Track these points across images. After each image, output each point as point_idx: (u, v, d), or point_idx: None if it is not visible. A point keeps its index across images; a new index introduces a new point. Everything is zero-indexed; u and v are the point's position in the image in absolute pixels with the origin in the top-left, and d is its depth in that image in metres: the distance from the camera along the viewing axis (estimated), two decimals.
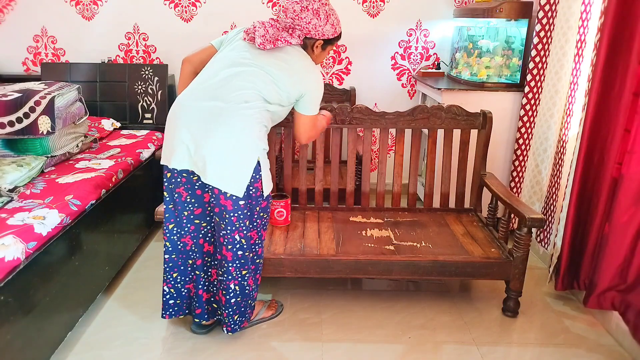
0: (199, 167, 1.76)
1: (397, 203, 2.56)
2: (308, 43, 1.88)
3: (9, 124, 2.26)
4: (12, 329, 1.57)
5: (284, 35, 1.80)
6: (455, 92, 2.77)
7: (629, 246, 1.96)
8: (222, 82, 1.78)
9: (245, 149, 1.75)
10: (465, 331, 2.10)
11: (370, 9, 3.28)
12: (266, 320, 2.13)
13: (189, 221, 1.89)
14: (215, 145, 1.72)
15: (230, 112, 1.73)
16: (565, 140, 2.43)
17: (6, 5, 3.28)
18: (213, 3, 3.26)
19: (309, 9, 1.81)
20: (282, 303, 2.25)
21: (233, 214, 1.78)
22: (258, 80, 1.79)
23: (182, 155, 1.77)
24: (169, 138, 1.82)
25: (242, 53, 1.83)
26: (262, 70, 1.79)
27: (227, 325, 1.94)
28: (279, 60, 1.81)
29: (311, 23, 1.82)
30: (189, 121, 1.76)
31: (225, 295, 1.89)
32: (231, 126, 1.73)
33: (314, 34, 1.84)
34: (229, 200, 1.76)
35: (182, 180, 1.84)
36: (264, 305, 2.16)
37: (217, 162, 1.73)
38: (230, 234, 1.81)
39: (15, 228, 1.70)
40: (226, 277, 1.87)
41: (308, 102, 1.89)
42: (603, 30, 1.97)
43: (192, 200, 1.86)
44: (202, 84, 1.82)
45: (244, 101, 1.75)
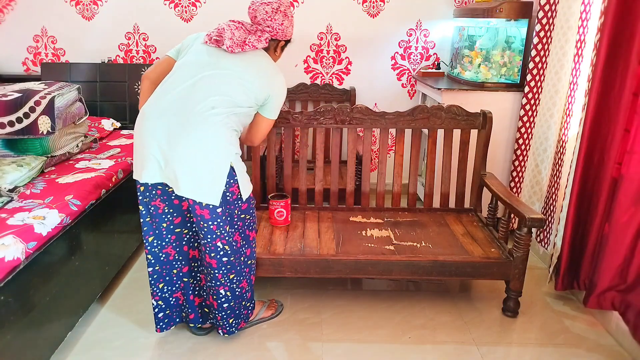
0: (171, 180, 1.74)
1: (397, 203, 2.56)
2: (271, 45, 1.89)
3: (9, 124, 2.26)
4: (12, 329, 1.57)
5: (251, 40, 1.79)
6: (455, 92, 2.77)
7: (629, 246, 1.96)
8: (187, 90, 1.74)
9: (216, 156, 1.72)
10: (465, 331, 2.10)
11: (370, 9, 3.28)
12: (266, 320, 2.13)
13: (169, 231, 1.87)
14: (185, 156, 1.69)
15: (198, 121, 1.70)
16: (565, 140, 2.43)
17: (6, 5, 3.28)
18: (213, 3, 3.26)
19: (280, 10, 1.82)
20: (282, 303, 2.25)
21: (212, 222, 1.76)
22: (224, 84, 1.75)
23: (153, 170, 1.74)
24: (138, 152, 1.78)
25: (204, 57, 1.80)
26: (230, 72, 1.76)
27: (222, 327, 1.94)
28: (246, 63, 1.79)
29: (283, 24, 1.83)
30: (156, 134, 1.72)
31: (217, 299, 1.89)
32: (200, 135, 1.70)
33: (281, 35, 1.86)
34: (205, 210, 1.74)
35: (157, 192, 1.81)
36: (263, 305, 2.16)
37: (189, 174, 1.70)
38: (212, 242, 1.80)
39: (15, 228, 1.70)
40: (214, 283, 1.86)
41: (273, 106, 1.89)
42: (603, 30, 1.97)
43: (170, 210, 1.85)
44: (166, 94, 1.76)
45: (211, 107, 1.72)
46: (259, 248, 2.16)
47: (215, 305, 1.90)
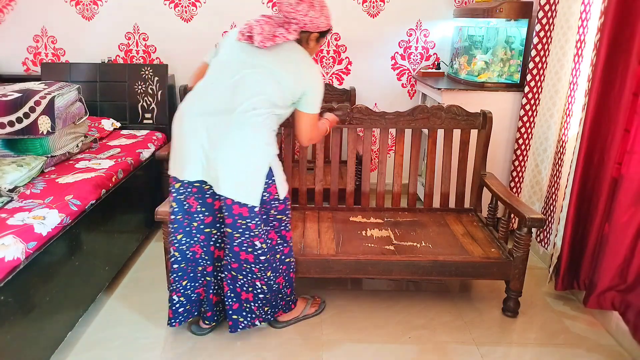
0: (212, 178, 1.76)
1: (397, 203, 2.56)
2: (303, 37, 1.84)
3: (9, 124, 2.26)
4: (12, 329, 1.57)
5: (281, 32, 1.76)
6: (455, 92, 2.77)
7: (629, 246, 1.96)
8: (227, 90, 1.75)
9: (256, 157, 1.74)
10: (465, 331, 2.10)
11: (370, 9, 3.28)
12: (310, 317, 2.15)
13: (199, 231, 1.89)
14: (227, 156, 1.72)
15: (240, 121, 1.72)
16: (565, 140, 2.43)
17: (6, 5, 3.28)
18: (213, 3, 3.25)
19: (304, 1, 1.76)
20: (325, 300, 2.25)
21: (250, 220, 1.78)
22: (263, 82, 1.76)
23: (196, 168, 1.77)
24: (179, 149, 1.80)
25: (239, 55, 1.79)
26: (265, 69, 1.76)
27: (258, 317, 1.94)
28: (280, 57, 1.78)
29: (308, 15, 1.77)
30: (198, 133, 1.74)
31: (253, 291, 1.89)
32: (241, 135, 1.71)
33: (310, 26, 1.79)
34: (244, 207, 1.76)
35: (192, 190, 1.83)
36: (307, 302, 2.18)
37: (230, 174, 1.72)
38: (250, 239, 1.81)
39: (15, 228, 1.70)
40: (250, 276, 1.86)
41: (310, 100, 1.85)
42: (603, 30, 1.97)
43: (203, 209, 1.86)
44: (205, 93, 1.79)
45: (252, 108, 1.73)
46: None
47: (251, 297, 1.90)
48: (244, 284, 1.89)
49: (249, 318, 1.94)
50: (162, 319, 2.14)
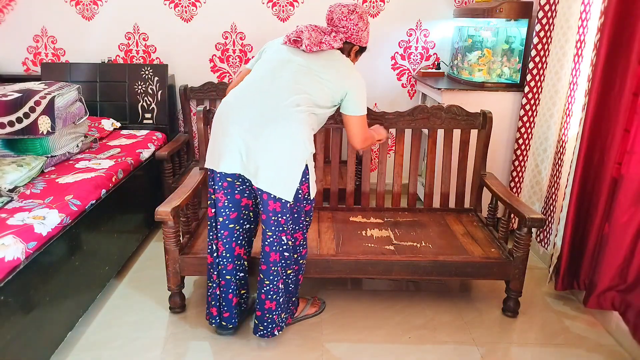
0: (250, 172, 1.76)
1: (397, 203, 2.56)
2: (346, 48, 1.92)
3: (9, 124, 2.26)
4: (12, 329, 1.57)
5: (327, 39, 1.85)
6: (455, 92, 2.77)
7: (629, 246, 1.96)
8: (271, 86, 1.79)
9: (296, 152, 1.75)
10: (465, 331, 2.10)
11: (370, 9, 3.28)
12: (310, 317, 2.15)
13: (223, 227, 1.89)
14: (268, 149, 1.72)
15: (282, 115, 1.73)
16: (565, 140, 2.43)
17: (6, 5, 3.28)
18: (213, 3, 3.26)
19: (356, 12, 1.89)
20: (324, 300, 2.25)
21: (282, 216, 1.79)
22: (306, 80, 1.80)
23: (233, 160, 1.77)
24: (218, 141, 1.81)
25: (284, 55, 1.86)
26: (309, 69, 1.81)
27: (277, 325, 1.93)
28: (324, 61, 1.84)
29: (357, 25, 1.88)
30: (240, 125, 1.75)
31: (276, 297, 1.88)
32: (284, 130, 1.72)
33: (355, 38, 1.90)
34: (278, 202, 1.76)
35: (223, 184, 1.84)
36: (307, 303, 2.18)
37: (269, 167, 1.73)
38: (279, 235, 1.82)
39: (15, 228, 1.70)
40: (277, 279, 1.87)
41: (354, 101, 1.88)
42: (603, 30, 1.97)
43: (230, 205, 1.87)
44: (249, 88, 1.83)
45: (296, 104, 1.75)
46: (259, 248, 2.15)
47: (274, 306, 1.89)
48: (269, 290, 1.87)
49: (270, 328, 1.93)
50: (162, 319, 2.14)
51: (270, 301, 1.89)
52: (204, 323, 2.11)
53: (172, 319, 2.15)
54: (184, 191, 2.15)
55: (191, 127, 3.42)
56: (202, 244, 2.20)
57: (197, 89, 3.33)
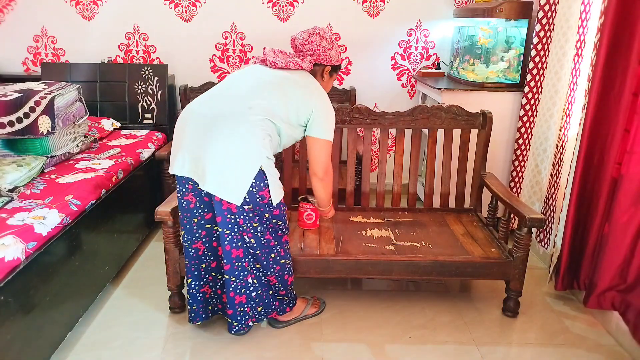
0: (198, 175, 1.76)
1: (397, 203, 2.56)
2: (317, 70, 1.94)
3: (9, 124, 2.26)
4: (12, 329, 1.57)
5: (295, 60, 1.88)
6: (455, 92, 2.77)
7: (629, 246, 1.96)
8: (228, 92, 1.83)
9: (246, 155, 1.73)
10: (465, 331, 2.10)
11: (370, 9, 3.28)
12: (310, 317, 2.15)
13: (200, 227, 1.89)
14: (215, 151, 1.72)
15: (234, 118, 1.74)
16: (565, 140, 2.43)
17: (6, 5, 3.28)
18: (213, 3, 3.26)
19: (317, 33, 1.92)
20: (325, 300, 2.25)
21: (239, 216, 1.78)
22: (269, 93, 1.81)
23: (182, 162, 1.79)
24: (175, 145, 1.84)
25: (255, 69, 1.92)
26: (273, 82, 1.83)
27: (251, 317, 1.94)
28: (292, 76, 1.88)
29: (321, 45, 1.91)
30: (193, 128, 1.78)
31: (246, 291, 1.89)
32: (233, 132, 1.72)
33: (323, 58, 1.93)
34: (232, 204, 1.76)
35: (189, 187, 1.84)
36: (308, 303, 2.17)
37: (216, 169, 1.72)
38: (239, 234, 1.81)
39: (15, 228, 1.70)
40: (243, 274, 1.86)
41: (318, 122, 1.88)
42: (603, 30, 1.97)
43: (202, 205, 1.86)
44: (214, 93, 1.88)
45: (248, 107, 1.76)
46: None
47: (244, 299, 1.90)
48: (237, 285, 1.87)
49: (243, 320, 1.94)
50: (162, 318, 2.14)
51: (239, 295, 1.89)
52: (204, 323, 2.11)
53: (172, 319, 2.15)
54: None
55: None
56: None
57: (197, 89, 3.32)
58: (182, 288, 2.16)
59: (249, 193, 1.74)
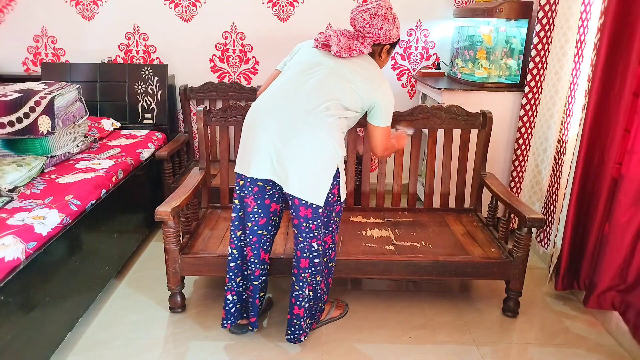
0: (280, 177, 1.75)
1: (397, 203, 2.56)
2: (375, 50, 1.87)
3: (9, 124, 2.26)
4: (12, 329, 1.57)
5: (357, 45, 1.79)
6: (455, 92, 2.77)
7: (629, 246, 1.96)
8: (300, 89, 1.76)
9: (326, 158, 1.74)
10: (465, 331, 2.10)
11: None
12: (335, 319, 2.14)
13: (252, 232, 1.88)
14: (298, 154, 1.71)
15: (312, 120, 1.72)
16: (565, 140, 2.43)
17: (6, 5, 3.28)
18: (213, 3, 3.26)
19: (379, 15, 1.80)
20: (347, 303, 2.25)
21: (312, 222, 1.78)
22: (337, 85, 1.77)
23: (263, 165, 1.76)
24: (248, 146, 1.80)
25: (314, 58, 1.83)
26: (340, 73, 1.78)
27: (304, 332, 1.94)
28: (355, 66, 1.80)
29: (382, 29, 1.81)
30: (269, 130, 1.74)
31: (304, 304, 1.88)
32: (313, 135, 1.71)
33: (383, 39, 1.83)
34: (309, 209, 1.76)
35: (254, 189, 1.82)
36: (332, 305, 2.17)
37: (299, 172, 1.72)
38: (309, 242, 1.81)
39: (15, 228, 1.70)
40: (305, 286, 1.87)
41: (380, 113, 1.86)
42: (603, 30, 1.97)
43: (259, 210, 1.86)
44: (279, 92, 1.81)
45: (325, 108, 1.73)
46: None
47: (302, 312, 1.89)
48: (298, 296, 1.88)
49: (297, 334, 1.94)
50: (162, 318, 2.14)
51: (298, 307, 1.89)
52: (204, 323, 2.11)
53: (172, 319, 2.15)
54: (184, 191, 2.15)
55: (191, 127, 3.42)
56: (202, 244, 2.20)
57: (197, 89, 3.33)
58: (182, 288, 2.16)
59: None
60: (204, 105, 2.78)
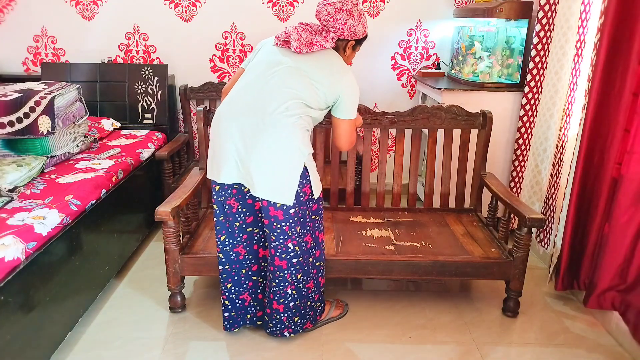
0: (247, 180, 1.77)
1: (397, 203, 2.56)
2: (340, 45, 1.85)
3: (9, 124, 2.26)
4: (12, 329, 1.57)
5: (318, 40, 1.78)
6: (455, 92, 2.77)
7: (629, 246, 1.96)
8: (260, 91, 1.76)
9: (290, 157, 1.74)
10: (465, 331, 2.10)
11: (370, 9, 3.28)
12: (334, 319, 2.14)
13: (241, 231, 1.89)
14: (261, 157, 1.72)
15: (273, 121, 1.72)
16: (565, 140, 2.43)
17: (6, 5, 3.28)
18: (213, 3, 3.26)
19: (344, 9, 1.78)
20: (347, 303, 2.25)
21: (284, 223, 1.78)
22: (297, 83, 1.76)
23: (230, 170, 1.78)
24: (216, 153, 1.82)
25: (274, 57, 1.82)
26: (300, 70, 1.77)
27: (287, 328, 1.95)
28: (315, 61, 1.79)
29: (347, 24, 1.79)
30: (232, 135, 1.75)
31: (284, 301, 1.90)
32: (274, 136, 1.71)
33: (348, 34, 1.81)
34: (279, 211, 1.76)
35: (232, 191, 1.84)
36: (331, 306, 2.17)
37: (264, 174, 1.73)
38: (284, 243, 1.82)
39: (15, 228, 1.70)
40: (282, 284, 1.87)
41: (346, 105, 1.85)
42: (603, 30, 1.97)
43: (244, 209, 1.87)
44: (239, 96, 1.81)
45: (285, 109, 1.73)
46: None
47: (282, 308, 1.91)
48: (277, 292, 1.89)
49: (278, 327, 1.95)
50: (162, 318, 2.15)
51: (277, 303, 1.90)
52: (204, 323, 2.11)
53: (172, 319, 2.15)
54: (184, 191, 2.15)
55: (191, 127, 3.42)
56: (202, 244, 2.20)
57: (197, 89, 3.33)
58: (182, 288, 2.16)
59: (295, 193, 1.76)
60: (204, 105, 2.79)
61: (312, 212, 1.87)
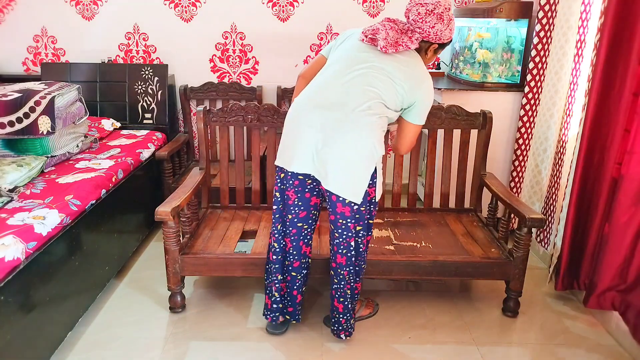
0: (320, 173, 1.76)
1: (397, 203, 2.56)
2: (423, 46, 1.83)
3: (9, 124, 2.26)
4: (12, 329, 1.57)
5: (404, 40, 1.76)
6: (455, 92, 2.77)
7: (629, 246, 1.96)
8: (344, 87, 1.75)
9: (366, 156, 1.74)
10: (465, 331, 2.10)
11: (370, 9, 3.28)
12: (364, 318, 2.15)
13: (292, 224, 1.90)
14: (339, 152, 1.72)
15: (356, 119, 1.72)
16: (565, 140, 2.43)
17: (6, 5, 3.28)
18: (213, 3, 3.26)
19: (434, 13, 1.74)
20: (378, 302, 2.25)
21: (351, 220, 1.79)
22: (381, 84, 1.74)
23: (304, 160, 1.77)
24: (290, 140, 1.81)
25: (359, 54, 1.80)
26: (384, 71, 1.75)
27: (344, 330, 1.96)
28: (400, 63, 1.77)
29: (434, 27, 1.75)
30: (314, 126, 1.74)
31: (344, 301, 1.91)
32: (355, 134, 1.71)
33: (433, 37, 1.78)
34: (347, 207, 1.77)
35: (294, 182, 1.84)
36: (362, 304, 2.18)
37: (340, 169, 1.73)
38: (347, 240, 1.83)
39: (15, 228, 1.70)
40: (342, 283, 1.89)
41: (420, 111, 1.84)
42: (603, 30, 1.97)
43: (299, 203, 1.87)
44: (322, 89, 1.80)
45: (368, 107, 1.73)
46: (260, 248, 2.16)
47: (341, 308, 1.92)
48: (338, 289, 1.90)
49: (337, 329, 1.97)
50: (162, 319, 2.15)
51: (337, 301, 1.92)
52: (204, 323, 2.11)
53: (172, 319, 2.15)
54: (184, 191, 2.16)
55: (191, 127, 3.42)
56: (202, 244, 2.20)
57: (197, 89, 3.33)
58: (182, 288, 2.16)
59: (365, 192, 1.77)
60: (204, 105, 2.79)
61: (371, 216, 1.89)
